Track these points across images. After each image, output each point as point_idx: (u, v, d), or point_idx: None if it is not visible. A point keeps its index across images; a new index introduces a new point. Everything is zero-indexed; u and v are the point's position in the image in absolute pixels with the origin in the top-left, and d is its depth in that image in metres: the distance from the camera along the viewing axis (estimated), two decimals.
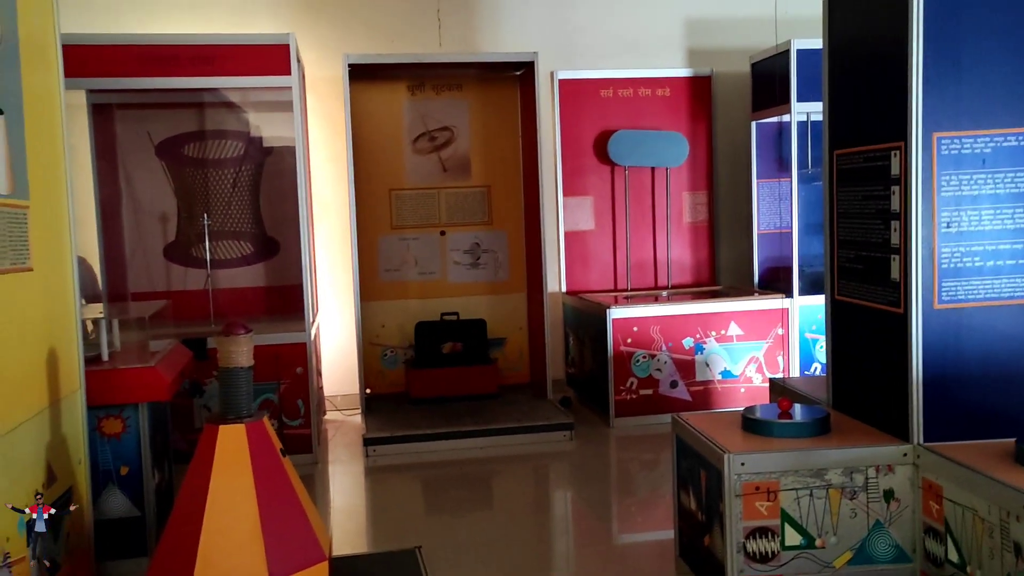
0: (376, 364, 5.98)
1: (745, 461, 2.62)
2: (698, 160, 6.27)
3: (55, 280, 2.95)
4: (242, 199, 5.69)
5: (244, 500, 2.57)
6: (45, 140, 2.92)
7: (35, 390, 2.70)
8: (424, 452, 4.96)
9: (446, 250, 6.12)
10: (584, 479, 4.53)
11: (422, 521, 3.99)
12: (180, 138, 5.59)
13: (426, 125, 6.06)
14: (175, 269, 5.63)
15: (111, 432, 3.37)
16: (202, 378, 4.77)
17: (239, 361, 2.71)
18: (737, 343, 5.43)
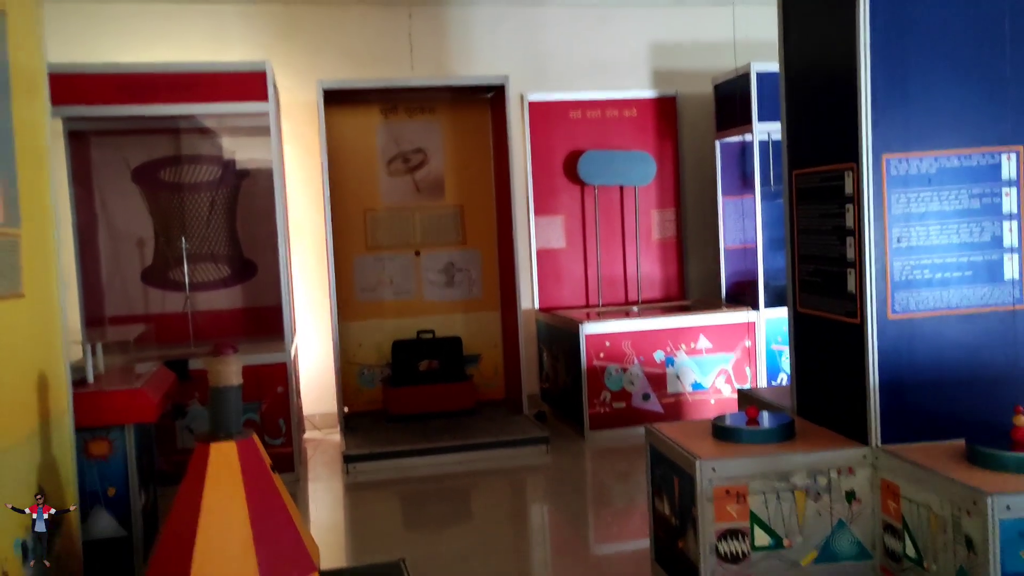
0: (354, 382, 6.07)
1: (716, 467, 2.76)
2: (665, 178, 6.45)
3: (43, 305, 3.03)
4: (219, 222, 5.77)
5: (236, 515, 2.66)
6: (33, 168, 3.00)
7: (25, 414, 2.77)
8: (403, 468, 5.05)
9: (421, 269, 6.24)
10: (560, 491, 4.65)
11: (404, 535, 4.09)
12: (156, 163, 5.67)
13: (400, 147, 6.19)
14: (153, 293, 5.69)
15: (98, 454, 3.43)
16: (184, 399, 4.83)
17: (229, 380, 2.79)
18: (706, 356, 5.60)
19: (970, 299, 2.80)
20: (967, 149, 2.78)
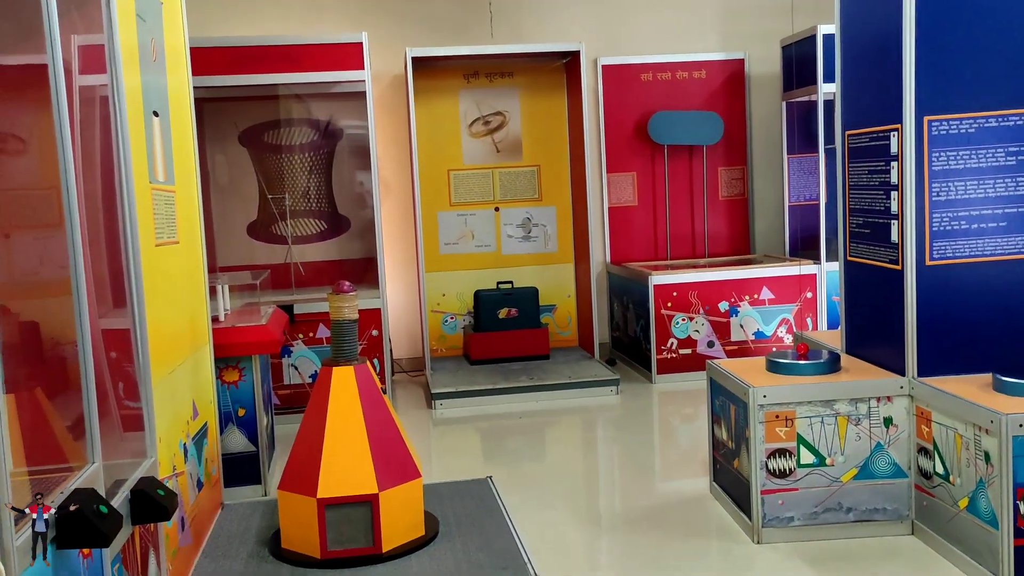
0: (438, 329, 6.58)
1: (767, 393, 3.16)
2: (733, 138, 6.73)
3: (191, 252, 3.57)
4: (316, 181, 6.30)
5: (355, 426, 3.17)
6: (181, 133, 3.53)
7: (183, 342, 3.32)
8: (484, 406, 5.54)
9: (500, 224, 6.67)
10: (628, 429, 5.08)
11: (486, 462, 4.58)
12: (261, 127, 6.21)
13: (480, 110, 6.60)
14: (258, 245, 6.26)
15: (230, 380, 3.99)
16: (289, 341, 5.40)
17: (347, 315, 3.30)
18: (769, 306, 5.93)
19: (1003, 248, 3.11)
20: (1004, 111, 3.06)
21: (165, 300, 3.04)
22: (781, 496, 3.19)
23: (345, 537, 3.10)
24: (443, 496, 3.78)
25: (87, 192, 2.56)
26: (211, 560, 3.19)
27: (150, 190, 2.93)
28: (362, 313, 5.43)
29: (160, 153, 3.12)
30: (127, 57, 2.71)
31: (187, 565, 3.08)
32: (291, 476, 3.19)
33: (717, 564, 3.13)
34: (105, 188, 2.62)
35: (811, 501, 3.18)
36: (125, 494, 2.33)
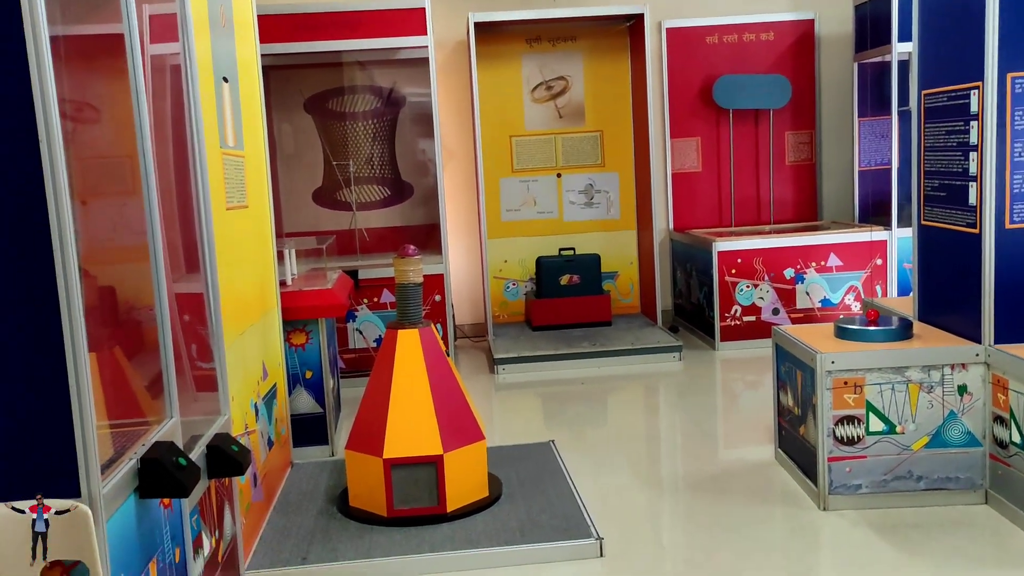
0: (500, 296, 6.61)
1: (835, 359, 3.10)
2: (801, 101, 6.56)
3: (260, 216, 3.64)
4: (379, 147, 6.35)
5: (420, 388, 3.21)
6: (250, 99, 3.58)
7: (253, 304, 3.40)
8: (546, 371, 5.56)
9: (562, 191, 6.65)
10: (691, 395, 5.05)
11: (548, 426, 4.61)
12: (325, 94, 6.27)
13: (543, 75, 6.56)
14: (322, 211, 6.35)
15: (297, 343, 4.08)
16: (354, 305, 5.49)
17: (412, 278, 3.33)
18: (836, 273, 5.80)
19: None
20: None
21: (235, 263, 3.11)
22: (849, 463, 3.14)
23: (411, 496, 3.16)
24: (506, 459, 3.82)
25: (160, 158, 2.63)
26: (282, 516, 3.29)
27: (221, 155, 2.99)
28: (425, 279, 5.48)
29: (230, 119, 3.17)
30: (198, 24, 2.76)
31: (260, 519, 3.17)
32: (358, 436, 3.25)
33: (782, 529, 3.11)
34: (177, 154, 2.68)
35: (880, 469, 3.13)
36: (201, 449, 2.41)
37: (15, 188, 1.57)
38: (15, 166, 1.56)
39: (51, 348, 1.60)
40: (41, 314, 1.59)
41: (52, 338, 1.60)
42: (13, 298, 1.59)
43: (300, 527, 3.17)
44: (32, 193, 1.57)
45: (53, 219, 1.57)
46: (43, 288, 1.59)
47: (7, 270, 1.59)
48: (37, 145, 1.56)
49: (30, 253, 1.58)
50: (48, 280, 1.58)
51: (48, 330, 1.59)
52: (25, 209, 1.57)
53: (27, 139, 1.55)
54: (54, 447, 1.62)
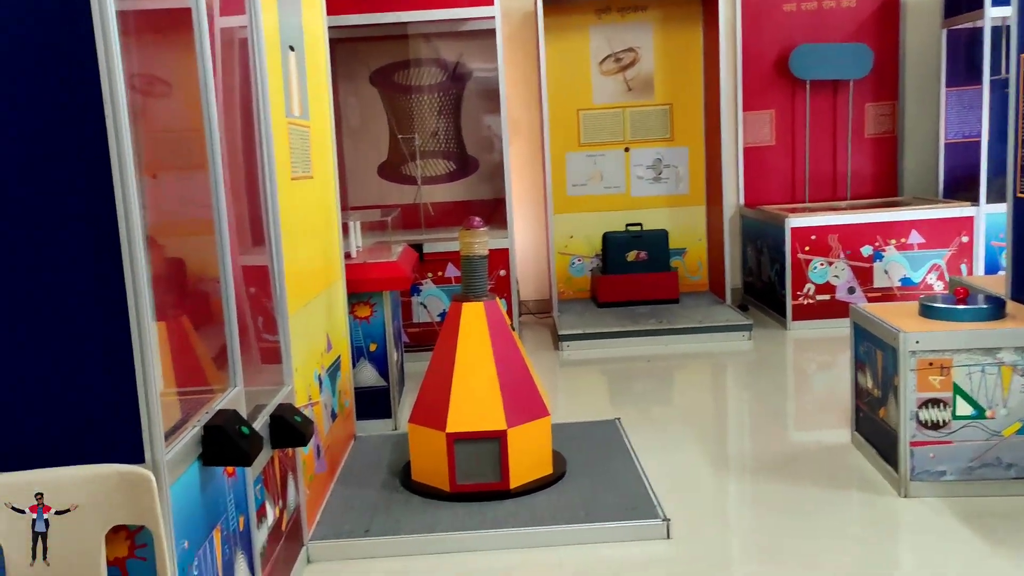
0: (565, 272, 6.52)
1: (919, 339, 2.94)
2: (883, 71, 6.28)
3: (324, 187, 3.62)
4: (445, 121, 6.30)
5: (484, 362, 3.16)
6: (316, 69, 3.55)
7: (318, 276, 3.38)
8: (611, 348, 5.47)
9: (630, 165, 6.51)
10: (761, 375, 4.90)
11: (614, 403, 4.52)
12: (391, 67, 6.23)
13: (611, 47, 6.41)
14: (387, 185, 6.34)
15: (362, 316, 4.07)
16: (418, 279, 5.47)
17: (477, 251, 3.27)
18: (918, 251, 5.56)
19: None
20: None
21: (300, 234, 3.09)
22: (932, 449, 2.99)
23: (474, 472, 3.12)
24: (571, 436, 3.75)
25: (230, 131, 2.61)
26: (345, 488, 3.28)
27: (286, 124, 2.96)
28: (490, 253, 5.43)
29: (296, 88, 3.14)
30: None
31: (323, 491, 3.17)
32: (421, 410, 3.22)
33: (859, 516, 2.98)
34: (246, 126, 2.66)
35: (966, 455, 2.97)
36: (265, 419, 2.40)
37: (82, 160, 1.55)
38: (82, 138, 1.54)
39: (117, 317, 1.58)
40: (107, 284, 1.57)
41: (117, 307, 1.58)
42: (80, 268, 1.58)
43: (363, 499, 3.16)
44: (98, 165, 1.54)
45: (118, 190, 1.55)
46: (109, 258, 1.57)
47: (74, 240, 1.57)
48: (103, 117, 1.53)
49: (96, 223, 1.56)
50: (113, 250, 1.56)
51: (114, 299, 1.58)
52: (92, 181, 1.55)
53: (94, 112, 1.53)
54: (119, 413, 1.60)
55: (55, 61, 1.53)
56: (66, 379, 1.60)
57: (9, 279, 1.58)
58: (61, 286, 1.58)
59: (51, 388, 1.61)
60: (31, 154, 1.55)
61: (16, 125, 1.55)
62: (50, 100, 1.54)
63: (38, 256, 1.58)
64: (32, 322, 1.59)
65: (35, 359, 1.60)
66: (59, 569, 1.56)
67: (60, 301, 1.58)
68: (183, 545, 1.73)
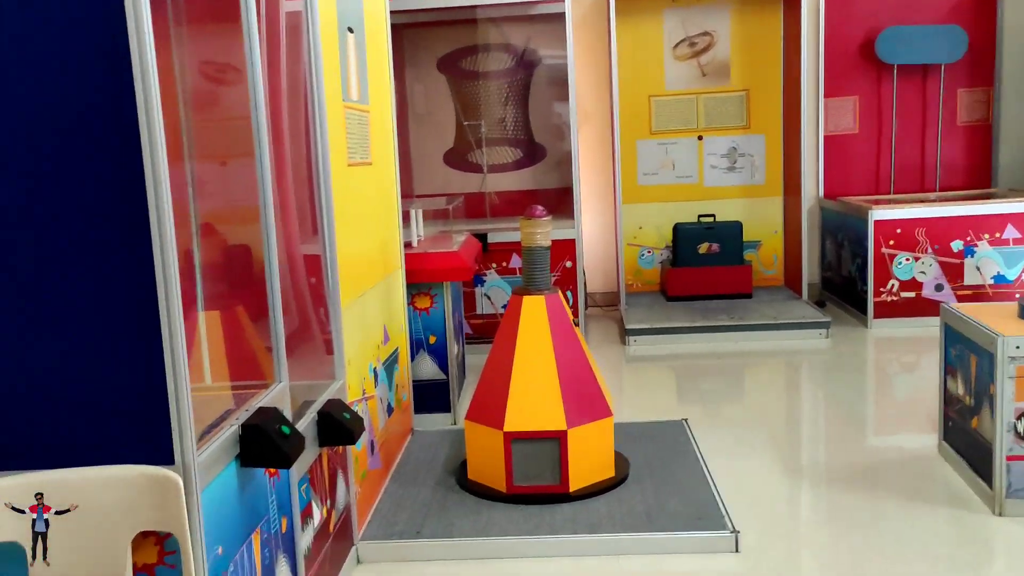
0: (634, 264, 6.33)
1: (1020, 344, 2.69)
2: (978, 55, 5.90)
3: (384, 174, 3.52)
4: (513, 108, 6.16)
5: (544, 358, 3.02)
6: (376, 53, 3.45)
7: (375, 265, 3.29)
8: (680, 344, 5.27)
9: (703, 154, 6.27)
10: (839, 376, 4.65)
11: (681, 402, 4.33)
12: (458, 52, 6.12)
13: (686, 31, 6.17)
14: (453, 173, 6.24)
15: (422, 307, 3.97)
16: (482, 270, 5.35)
17: (539, 241, 3.13)
18: (1014, 247, 5.20)
19: None
20: None
21: (356, 222, 2.99)
22: None
23: (531, 473, 2.99)
24: (634, 437, 3.59)
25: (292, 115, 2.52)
26: (399, 486, 3.19)
27: (343, 109, 2.86)
28: (556, 244, 5.29)
29: (354, 71, 3.04)
30: None
31: (376, 488, 3.08)
32: (478, 407, 3.10)
33: (947, 535, 2.75)
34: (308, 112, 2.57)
35: None
36: (312, 416, 2.31)
37: (112, 149, 1.46)
38: (113, 127, 1.46)
39: (146, 311, 1.49)
40: (137, 276, 1.48)
41: (147, 301, 1.49)
42: (110, 260, 1.49)
43: (416, 498, 3.06)
44: (128, 154, 1.46)
45: (149, 180, 1.46)
46: (139, 250, 1.48)
47: (105, 230, 1.49)
48: (135, 106, 1.45)
49: (127, 215, 1.48)
50: (143, 240, 1.47)
51: (143, 292, 1.49)
52: (120, 171, 1.47)
53: (126, 100, 1.45)
54: (148, 412, 1.52)
55: (86, 49, 1.44)
56: (94, 376, 1.52)
57: (37, 270, 1.51)
58: (88, 278, 1.50)
59: (79, 385, 1.53)
60: (60, 144, 1.48)
61: (46, 114, 1.47)
62: (80, 86, 1.46)
63: (66, 245, 1.50)
64: (61, 316, 1.51)
65: (64, 355, 1.52)
66: (64, 571, 1.48)
67: (87, 293, 1.50)
68: (216, 551, 1.65)
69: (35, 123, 1.47)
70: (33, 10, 1.44)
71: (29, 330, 1.52)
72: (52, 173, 1.48)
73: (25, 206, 1.49)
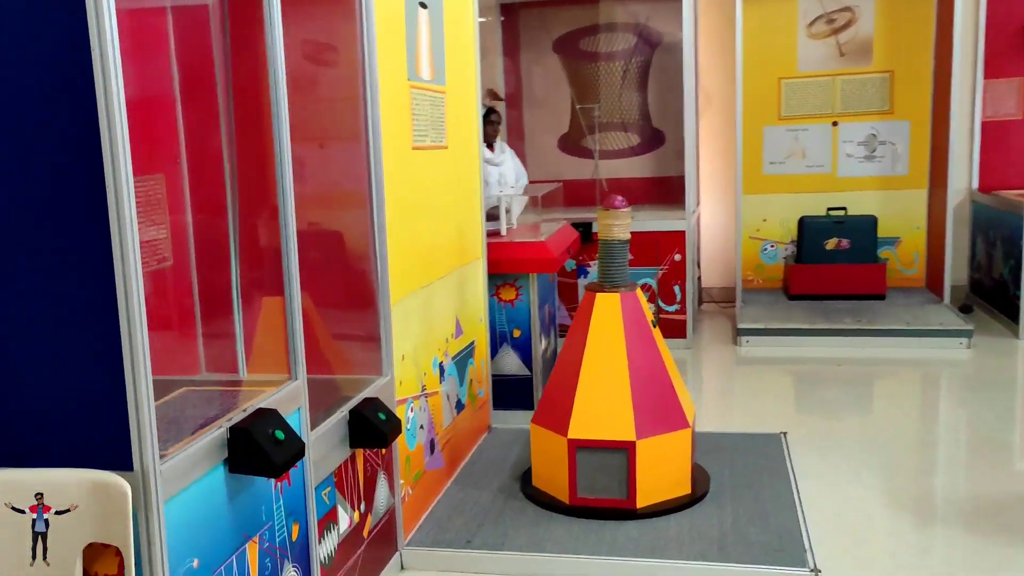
0: (754, 258, 5.91)
1: None
2: None
3: (464, 159, 3.35)
4: (631, 91, 5.86)
5: (616, 362, 2.77)
6: (460, 32, 3.28)
7: (446, 254, 3.13)
8: (799, 347, 4.86)
9: (838, 141, 5.76)
10: (981, 392, 4.13)
11: (790, 413, 3.96)
12: (576, 33, 5.87)
13: (824, 7, 5.67)
14: (565, 158, 6.01)
15: (506, 299, 3.79)
16: (586, 260, 5.11)
17: (616, 234, 2.87)
18: None
19: None
20: None
21: (421, 207, 2.84)
22: None
23: (597, 485, 2.76)
24: (723, 448, 3.28)
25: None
26: (461, 488, 3.02)
27: (408, 88, 2.71)
28: (664, 235, 4.99)
29: (427, 49, 2.88)
30: None
31: (434, 489, 2.93)
32: (545, 410, 2.89)
33: None
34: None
35: None
36: (343, 414, 2.17)
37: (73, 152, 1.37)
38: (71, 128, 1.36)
39: (105, 311, 1.38)
40: (95, 279, 1.38)
41: (105, 301, 1.38)
42: (67, 257, 1.39)
43: (475, 504, 2.89)
44: (89, 156, 1.36)
45: (110, 183, 1.36)
46: (97, 245, 1.37)
47: (59, 229, 1.39)
48: (95, 108, 1.34)
49: (82, 216, 1.37)
50: (103, 229, 1.36)
51: (102, 293, 1.38)
52: (82, 175, 1.37)
53: (87, 103, 1.35)
54: (108, 417, 1.41)
55: (48, 52, 1.35)
56: (56, 377, 1.43)
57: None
58: (48, 278, 1.42)
59: (44, 386, 1.44)
60: (18, 146, 1.39)
61: (8, 119, 1.38)
62: (43, 90, 1.36)
63: (30, 249, 1.41)
64: (22, 317, 1.43)
65: (27, 358, 1.44)
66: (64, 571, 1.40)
67: (47, 294, 1.42)
68: (190, 564, 1.53)
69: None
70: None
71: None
72: (9, 175, 1.39)
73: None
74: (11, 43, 1.36)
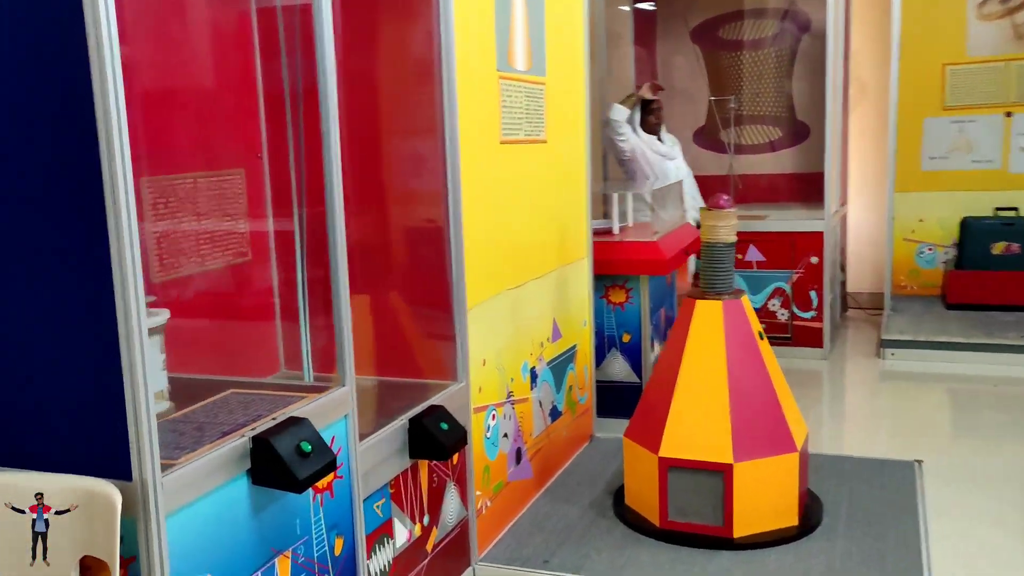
0: (909, 262, 5.39)
1: None
2: None
3: (569, 154, 3.18)
4: (774, 82, 5.48)
5: (715, 376, 2.53)
6: (565, 21, 3.11)
7: (544, 253, 2.97)
8: (950, 363, 4.37)
9: (1011, 134, 5.16)
10: None
11: (932, 438, 3.55)
12: (716, 20, 5.56)
13: None
14: (701, 153, 5.70)
15: (616, 301, 3.59)
16: None
17: (722, 236, 2.63)
18: None
19: None
20: None
21: (511, 204, 2.70)
22: None
23: (689, 509, 2.53)
24: (845, 475, 2.95)
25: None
26: (550, 501, 2.87)
27: (497, 79, 2.57)
28: (801, 236, 4.63)
29: (522, 39, 2.73)
30: None
31: (522, 500, 2.79)
32: (637, 424, 2.69)
33: None
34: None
35: None
36: (402, 423, 2.07)
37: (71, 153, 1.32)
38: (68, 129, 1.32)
39: (104, 312, 1.33)
40: (93, 282, 1.33)
41: (104, 301, 1.33)
42: (65, 258, 1.35)
43: (562, 518, 2.73)
44: (88, 157, 1.30)
45: (107, 182, 1.30)
46: (97, 247, 1.32)
47: (56, 229, 1.35)
48: (92, 108, 1.29)
49: (79, 216, 1.33)
50: (100, 230, 1.31)
51: (101, 293, 1.33)
52: (81, 176, 1.32)
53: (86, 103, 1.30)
54: (107, 424, 1.36)
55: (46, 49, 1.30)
56: (55, 382, 1.40)
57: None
58: (46, 281, 1.38)
59: (44, 391, 1.41)
60: (14, 146, 1.36)
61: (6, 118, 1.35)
62: (41, 90, 1.32)
63: (27, 250, 1.38)
64: (21, 320, 1.40)
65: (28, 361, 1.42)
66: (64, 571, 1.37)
67: (46, 298, 1.38)
68: None
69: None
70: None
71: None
72: (6, 175, 1.36)
73: None
74: (11, 43, 1.32)
